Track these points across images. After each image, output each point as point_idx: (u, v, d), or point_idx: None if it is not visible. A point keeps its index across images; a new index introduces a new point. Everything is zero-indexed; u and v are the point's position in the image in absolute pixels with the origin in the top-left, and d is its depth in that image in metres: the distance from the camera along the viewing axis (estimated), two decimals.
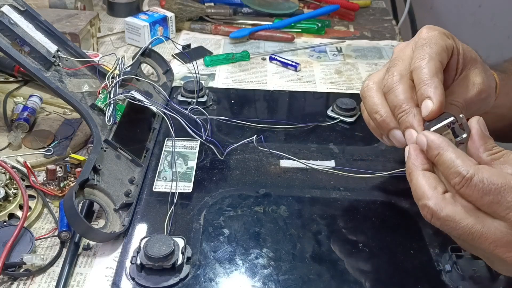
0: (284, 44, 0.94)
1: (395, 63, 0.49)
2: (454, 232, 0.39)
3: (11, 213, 0.52)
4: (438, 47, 0.47)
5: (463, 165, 0.39)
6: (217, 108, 0.71)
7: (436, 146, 0.41)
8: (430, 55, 0.46)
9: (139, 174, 0.57)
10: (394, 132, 0.48)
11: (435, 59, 0.46)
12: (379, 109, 0.49)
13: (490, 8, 1.47)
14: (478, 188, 0.38)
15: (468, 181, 0.38)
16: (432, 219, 0.40)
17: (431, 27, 0.50)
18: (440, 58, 0.47)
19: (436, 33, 0.49)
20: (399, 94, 0.47)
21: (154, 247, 0.44)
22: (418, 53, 0.47)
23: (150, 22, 0.89)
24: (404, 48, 0.51)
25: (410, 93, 0.47)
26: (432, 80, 0.45)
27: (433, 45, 0.47)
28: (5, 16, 0.57)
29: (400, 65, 0.49)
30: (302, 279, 0.46)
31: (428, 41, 0.48)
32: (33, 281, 0.47)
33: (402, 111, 0.46)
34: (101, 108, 0.59)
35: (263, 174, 0.58)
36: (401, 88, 0.47)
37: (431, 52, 0.47)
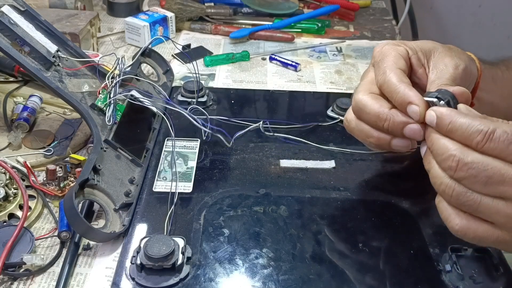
0: (284, 44, 0.94)
1: (358, 88, 0.51)
2: (482, 174, 0.38)
3: (11, 213, 0.52)
4: (392, 57, 0.50)
5: (481, 123, 0.39)
6: (217, 108, 0.71)
7: (447, 116, 0.41)
8: (389, 67, 0.48)
9: (139, 174, 0.57)
10: (394, 142, 0.49)
11: (394, 67, 0.48)
12: (370, 133, 0.50)
13: (490, 8, 1.47)
14: (502, 139, 0.38)
15: (491, 135, 0.38)
16: (458, 167, 0.39)
17: (380, 44, 0.53)
18: (399, 65, 0.49)
19: (387, 47, 0.51)
20: (370, 109, 0.48)
21: (154, 247, 0.44)
22: (377, 69, 0.50)
23: (150, 22, 0.89)
24: (366, 73, 0.54)
25: (378, 103, 0.48)
26: (402, 85, 0.46)
27: (388, 56, 0.50)
28: (5, 16, 0.58)
29: (360, 87, 0.51)
30: (302, 279, 0.46)
31: (382, 56, 0.50)
32: (33, 281, 0.47)
33: (384, 121, 0.47)
34: (101, 108, 0.59)
35: (263, 174, 0.58)
36: (369, 103, 0.48)
37: (388, 64, 0.49)
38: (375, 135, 0.49)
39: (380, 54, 0.51)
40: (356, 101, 0.50)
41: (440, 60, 0.51)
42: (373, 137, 0.50)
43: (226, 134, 0.60)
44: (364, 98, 0.49)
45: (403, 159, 0.61)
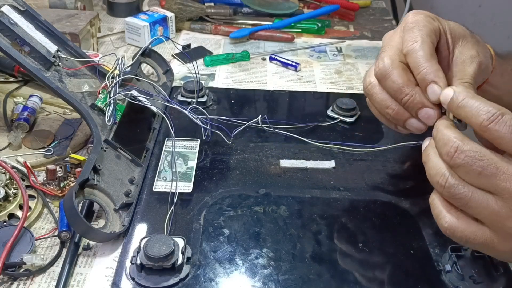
0: (284, 44, 0.94)
1: (384, 49, 0.50)
2: (477, 164, 0.38)
3: (11, 213, 0.52)
4: (427, 29, 0.48)
5: (491, 105, 0.39)
6: (217, 108, 0.71)
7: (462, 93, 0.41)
8: (422, 37, 0.47)
9: (139, 174, 0.57)
10: (410, 121, 0.49)
11: (427, 40, 0.47)
12: (389, 103, 0.49)
13: (490, 8, 1.47)
14: (509, 124, 0.37)
15: (498, 117, 0.38)
16: (456, 153, 0.39)
17: (416, 12, 0.50)
18: (431, 40, 0.47)
19: (422, 17, 0.49)
20: (396, 79, 0.47)
21: (154, 247, 0.44)
22: (408, 36, 0.47)
23: (150, 22, 0.89)
24: (392, 35, 0.51)
25: (406, 76, 0.47)
26: (431, 63, 0.45)
27: (422, 27, 0.48)
28: (5, 16, 0.57)
29: (389, 50, 0.49)
30: (302, 279, 0.46)
31: (416, 24, 0.48)
32: (33, 281, 0.47)
33: (405, 95, 0.47)
34: (101, 108, 0.59)
35: (263, 174, 0.58)
36: (396, 73, 0.47)
37: (422, 34, 0.47)
38: (394, 107, 0.48)
39: (414, 21, 0.48)
40: (382, 66, 0.48)
41: (466, 51, 0.49)
42: (392, 109, 0.48)
43: (226, 131, 0.60)
44: (392, 65, 0.47)
45: (403, 159, 0.61)
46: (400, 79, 0.47)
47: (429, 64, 0.45)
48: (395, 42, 0.50)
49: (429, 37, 0.47)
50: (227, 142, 0.60)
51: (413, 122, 0.48)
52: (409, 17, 0.50)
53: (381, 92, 0.49)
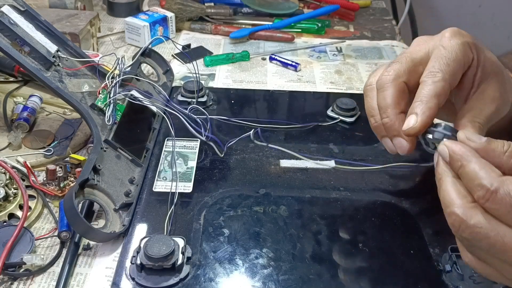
0: (284, 44, 0.94)
1: (399, 60, 0.47)
2: (484, 241, 0.36)
3: (11, 213, 0.52)
4: (455, 65, 0.44)
5: (486, 177, 0.36)
6: (217, 108, 0.71)
7: (459, 157, 0.38)
8: (443, 75, 0.44)
9: (139, 174, 0.57)
10: (385, 140, 0.48)
11: (446, 80, 0.44)
12: (374, 113, 0.47)
13: (490, 8, 1.47)
14: (505, 202, 0.35)
15: (493, 194, 0.35)
16: (460, 228, 0.36)
17: (456, 33, 0.46)
18: (452, 79, 0.44)
19: (459, 44, 0.45)
20: (387, 97, 0.46)
21: (154, 247, 0.44)
22: (433, 65, 0.45)
23: (150, 22, 0.89)
24: (421, 44, 0.48)
25: (398, 98, 0.45)
26: (430, 99, 0.43)
27: (451, 62, 0.44)
28: (5, 16, 0.57)
29: (402, 64, 0.47)
30: (302, 279, 0.46)
31: (447, 54, 0.45)
32: (33, 281, 0.47)
33: (386, 117, 0.46)
34: (101, 108, 0.59)
35: (263, 174, 0.58)
36: (390, 92, 0.46)
37: (445, 72, 0.44)
38: (377, 120, 0.47)
39: (449, 48, 0.45)
40: (384, 78, 0.46)
41: (491, 91, 0.46)
42: (375, 120, 0.47)
43: (219, 143, 0.59)
44: (392, 82, 0.45)
45: (403, 159, 0.61)
46: (390, 100, 0.45)
47: (426, 99, 0.43)
48: (417, 54, 0.47)
49: (452, 76, 0.44)
50: (220, 154, 0.59)
51: (387, 142, 0.47)
52: (445, 37, 0.46)
53: (372, 99, 0.48)
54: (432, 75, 0.44)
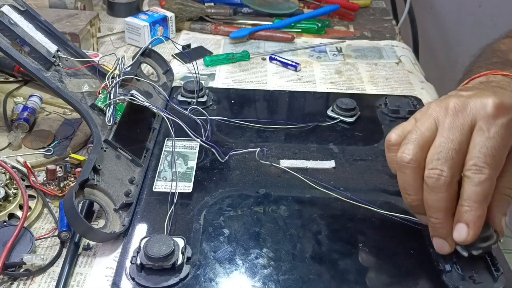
0: (284, 44, 0.94)
1: (448, 152, 0.42)
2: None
3: (11, 213, 0.52)
4: (501, 153, 0.42)
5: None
6: (217, 108, 0.71)
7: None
8: (490, 172, 0.41)
9: (139, 174, 0.57)
10: (422, 217, 0.47)
11: (493, 177, 0.42)
12: (413, 193, 0.45)
13: (490, 8, 1.47)
14: None
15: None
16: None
17: (500, 109, 0.42)
18: (499, 169, 0.42)
19: (504, 125, 0.42)
20: (441, 201, 0.43)
21: (154, 247, 0.44)
22: (477, 155, 0.41)
23: (150, 22, 0.89)
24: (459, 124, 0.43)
25: (452, 202, 0.43)
26: (479, 206, 0.42)
27: (497, 152, 0.41)
28: (5, 16, 0.57)
29: (455, 159, 0.42)
30: (302, 279, 0.46)
31: (492, 143, 0.41)
32: (33, 281, 0.47)
33: (436, 218, 0.44)
34: (101, 108, 0.59)
35: (263, 174, 0.58)
36: (446, 195, 0.43)
37: (491, 166, 0.41)
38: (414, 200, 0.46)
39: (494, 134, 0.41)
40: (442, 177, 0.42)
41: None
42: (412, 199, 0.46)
43: (219, 151, 0.59)
44: (448, 188, 0.42)
45: None
46: (444, 203, 0.43)
47: (477, 206, 0.42)
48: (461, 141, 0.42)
49: (499, 167, 0.42)
50: (221, 160, 0.59)
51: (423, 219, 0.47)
52: (490, 116, 0.42)
53: (412, 178, 0.45)
54: (478, 171, 0.41)
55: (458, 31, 1.53)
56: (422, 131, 0.44)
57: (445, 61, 1.59)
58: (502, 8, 1.44)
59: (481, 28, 1.47)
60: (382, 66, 0.87)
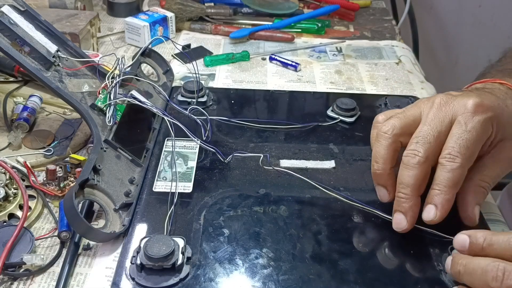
0: (284, 44, 0.94)
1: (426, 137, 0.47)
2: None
3: (11, 213, 0.52)
4: (474, 147, 0.46)
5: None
6: (217, 108, 0.71)
7: (481, 236, 0.41)
8: (462, 161, 0.45)
9: (139, 174, 0.57)
10: (380, 188, 0.51)
11: (465, 166, 0.45)
12: (382, 162, 0.49)
13: (490, 8, 1.47)
14: None
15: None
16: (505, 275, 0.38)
17: (479, 107, 0.47)
18: (471, 161, 0.46)
19: (481, 122, 0.46)
20: (411, 177, 0.47)
21: (154, 247, 0.44)
22: (452, 145, 0.45)
23: (150, 22, 0.89)
24: (427, 110, 0.48)
25: (422, 181, 0.47)
26: (448, 190, 0.45)
27: (471, 144, 0.45)
28: (5, 16, 0.58)
29: (432, 144, 0.47)
30: (302, 279, 0.46)
31: (468, 136, 0.45)
32: (33, 281, 0.47)
33: (404, 193, 0.47)
34: (101, 108, 0.59)
35: (263, 174, 0.58)
36: (417, 173, 0.47)
37: (464, 156, 0.45)
38: (380, 168, 0.50)
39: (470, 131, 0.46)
40: (416, 155, 0.46)
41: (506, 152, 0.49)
42: (378, 167, 0.50)
43: (220, 154, 0.59)
44: (421, 166, 0.46)
45: None
46: (413, 180, 0.47)
47: (446, 191, 0.45)
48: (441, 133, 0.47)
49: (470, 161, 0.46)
50: (224, 161, 0.59)
51: (381, 191, 0.51)
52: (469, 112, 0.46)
53: (384, 149, 0.49)
54: (451, 159, 0.45)
55: (458, 31, 1.53)
56: (407, 115, 0.50)
57: (445, 61, 1.59)
58: (502, 8, 1.44)
59: (481, 28, 1.47)
60: (382, 66, 0.87)
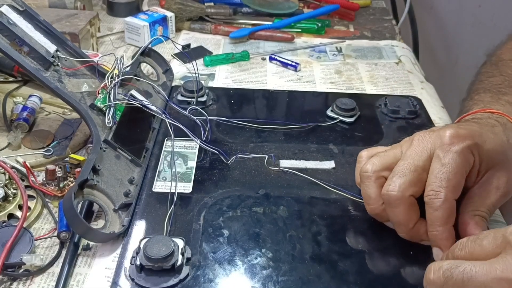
0: (284, 44, 0.94)
1: (403, 171, 0.47)
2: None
3: (11, 213, 0.52)
4: (456, 178, 0.45)
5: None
6: (217, 107, 0.71)
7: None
8: (446, 193, 0.45)
9: (138, 174, 0.57)
10: (389, 224, 0.50)
11: (450, 198, 0.45)
12: (371, 202, 0.49)
13: (490, 8, 1.47)
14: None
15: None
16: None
17: (454, 137, 0.47)
18: (456, 191, 0.46)
19: (459, 153, 0.46)
20: (399, 214, 0.47)
21: (154, 248, 0.44)
22: (434, 181, 0.45)
23: (149, 22, 0.89)
24: (421, 145, 0.48)
25: (410, 216, 0.47)
26: (444, 228, 0.45)
27: (452, 176, 0.45)
28: (4, 16, 0.57)
29: (407, 176, 0.47)
30: (302, 280, 0.45)
31: (447, 169, 0.45)
32: (32, 282, 0.47)
33: (401, 231, 0.48)
34: (101, 108, 0.59)
35: (263, 174, 0.58)
36: (400, 211, 0.47)
37: (447, 188, 0.45)
38: (375, 208, 0.50)
39: (449, 163, 0.45)
40: (393, 191, 0.46)
41: (495, 180, 0.48)
42: (372, 209, 0.50)
43: (223, 154, 0.59)
44: (401, 202, 0.46)
45: None
46: (402, 217, 0.47)
47: (442, 230, 0.45)
48: (420, 161, 0.47)
49: (456, 192, 0.45)
50: (226, 162, 0.59)
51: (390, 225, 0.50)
52: (446, 144, 0.46)
53: (368, 187, 0.50)
54: (434, 195, 0.45)
55: (458, 31, 1.53)
56: (387, 153, 0.50)
57: (445, 61, 1.59)
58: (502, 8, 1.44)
59: (481, 28, 1.47)
60: (382, 66, 0.87)
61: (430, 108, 0.74)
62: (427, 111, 0.72)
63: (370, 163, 0.50)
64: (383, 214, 0.49)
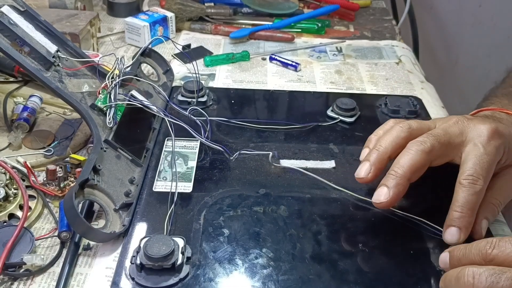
0: (284, 44, 0.94)
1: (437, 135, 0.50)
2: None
3: (11, 213, 0.52)
4: (492, 169, 0.48)
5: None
6: (217, 108, 0.71)
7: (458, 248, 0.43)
8: (484, 185, 0.47)
9: (139, 174, 0.57)
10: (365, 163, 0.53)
11: (484, 189, 0.48)
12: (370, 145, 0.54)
13: (490, 8, 1.47)
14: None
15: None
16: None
17: (495, 134, 0.50)
18: (488, 182, 0.48)
19: (497, 147, 0.49)
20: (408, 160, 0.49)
21: (154, 247, 0.44)
22: (474, 167, 0.48)
23: (150, 22, 0.89)
24: (458, 126, 0.51)
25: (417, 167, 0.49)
26: (471, 213, 0.47)
27: (490, 168, 0.48)
28: (4, 17, 0.58)
29: (439, 143, 0.49)
30: (302, 279, 0.46)
31: (488, 159, 0.48)
32: (33, 281, 0.47)
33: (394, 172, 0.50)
34: (101, 108, 0.59)
35: (263, 174, 0.58)
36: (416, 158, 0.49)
37: (486, 178, 0.48)
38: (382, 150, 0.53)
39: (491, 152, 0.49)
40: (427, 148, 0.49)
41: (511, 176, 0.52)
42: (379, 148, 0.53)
43: (227, 151, 0.59)
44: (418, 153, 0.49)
45: None
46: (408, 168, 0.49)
47: (471, 213, 0.47)
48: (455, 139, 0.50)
49: (488, 179, 0.48)
50: (230, 158, 0.59)
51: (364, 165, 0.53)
52: (486, 137, 0.49)
53: (388, 142, 0.52)
54: (473, 182, 0.47)
55: (458, 31, 1.53)
56: (424, 122, 0.53)
57: (445, 61, 1.59)
58: (502, 8, 1.44)
59: (481, 28, 1.47)
60: (382, 66, 0.87)
61: (430, 108, 0.74)
62: (427, 111, 0.72)
63: (408, 122, 0.52)
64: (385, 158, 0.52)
